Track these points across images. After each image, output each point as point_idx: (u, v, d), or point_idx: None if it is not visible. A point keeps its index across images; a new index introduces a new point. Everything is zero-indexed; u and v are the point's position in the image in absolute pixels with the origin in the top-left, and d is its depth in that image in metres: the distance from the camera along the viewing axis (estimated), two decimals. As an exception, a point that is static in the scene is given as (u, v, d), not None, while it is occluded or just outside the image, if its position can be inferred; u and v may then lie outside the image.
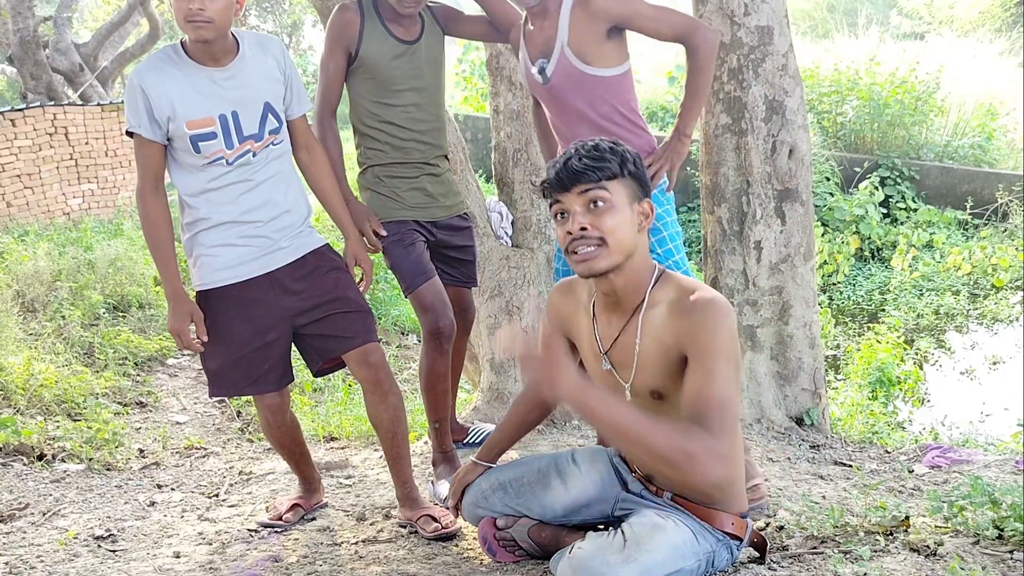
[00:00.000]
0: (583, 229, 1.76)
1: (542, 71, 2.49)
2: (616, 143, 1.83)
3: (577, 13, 2.41)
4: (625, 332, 1.85)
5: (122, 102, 11.10)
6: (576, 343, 2.05)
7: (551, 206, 1.84)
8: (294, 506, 2.69)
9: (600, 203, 1.76)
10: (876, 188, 9.34)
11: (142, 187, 2.35)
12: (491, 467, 2.21)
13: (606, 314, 1.91)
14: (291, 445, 2.65)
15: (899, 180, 9.69)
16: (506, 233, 3.93)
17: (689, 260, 2.66)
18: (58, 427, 3.86)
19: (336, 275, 2.45)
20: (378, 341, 2.49)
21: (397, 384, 2.53)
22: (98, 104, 10.81)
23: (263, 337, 2.36)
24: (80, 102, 11.37)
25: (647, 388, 1.83)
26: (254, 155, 2.31)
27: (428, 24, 2.75)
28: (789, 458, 3.27)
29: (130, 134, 2.26)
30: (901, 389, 5.65)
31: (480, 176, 9.99)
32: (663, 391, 1.81)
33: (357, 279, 2.55)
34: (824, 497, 2.72)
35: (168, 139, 2.27)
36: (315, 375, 2.61)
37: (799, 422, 3.63)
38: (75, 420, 4.09)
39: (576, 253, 1.78)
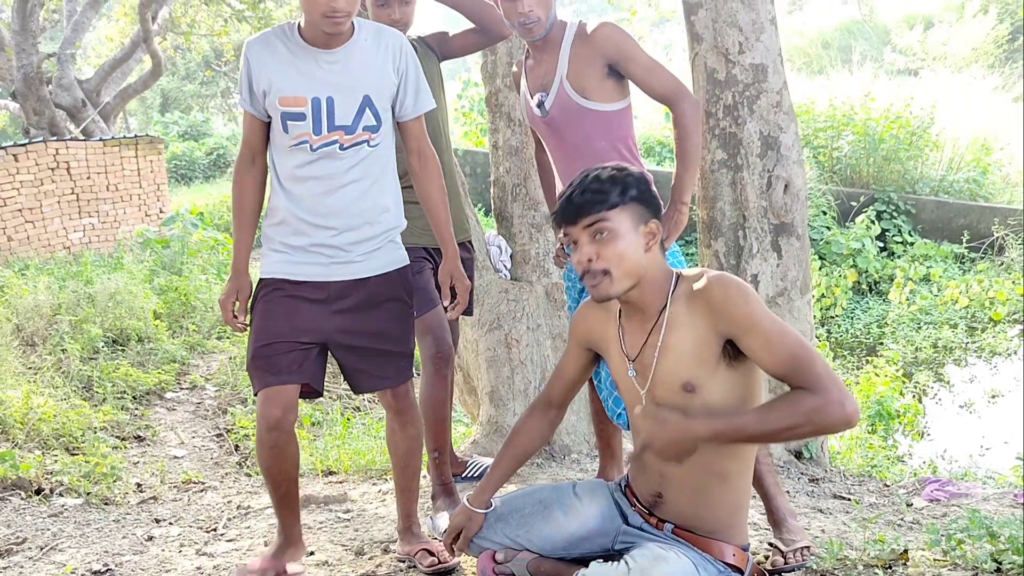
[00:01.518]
0: (589, 260, 1.83)
1: (541, 104, 2.53)
2: (619, 169, 1.88)
3: (577, 48, 2.46)
4: (652, 335, 1.88)
5: (123, 137, 11.22)
6: (604, 354, 2.08)
7: (563, 237, 1.92)
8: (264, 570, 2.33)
9: (604, 233, 1.82)
10: (872, 222, 9.40)
11: (239, 158, 2.32)
12: (487, 513, 2.17)
13: (632, 322, 1.95)
14: (278, 475, 2.34)
15: (895, 214, 9.76)
16: (505, 266, 3.96)
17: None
18: (56, 461, 3.84)
19: (392, 306, 2.36)
20: (411, 377, 2.46)
21: (420, 418, 2.51)
22: (100, 139, 10.91)
23: (299, 336, 2.26)
24: (82, 137, 11.47)
25: (678, 383, 1.84)
26: (341, 148, 2.21)
27: (422, 53, 2.79)
28: (788, 491, 3.27)
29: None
30: (900, 423, 5.65)
31: (479, 210, 10.05)
32: (696, 382, 1.81)
33: (447, 301, 2.46)
34: (823, 531, 2.72)
35: (268, 115, 2.23)
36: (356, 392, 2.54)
37: (798, 455, 3.63)
38: (73, 454, 4.08)
39: (589, 285, 1.86)
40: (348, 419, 5.33)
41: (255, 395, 2.28)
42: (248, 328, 2.34)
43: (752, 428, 1.70)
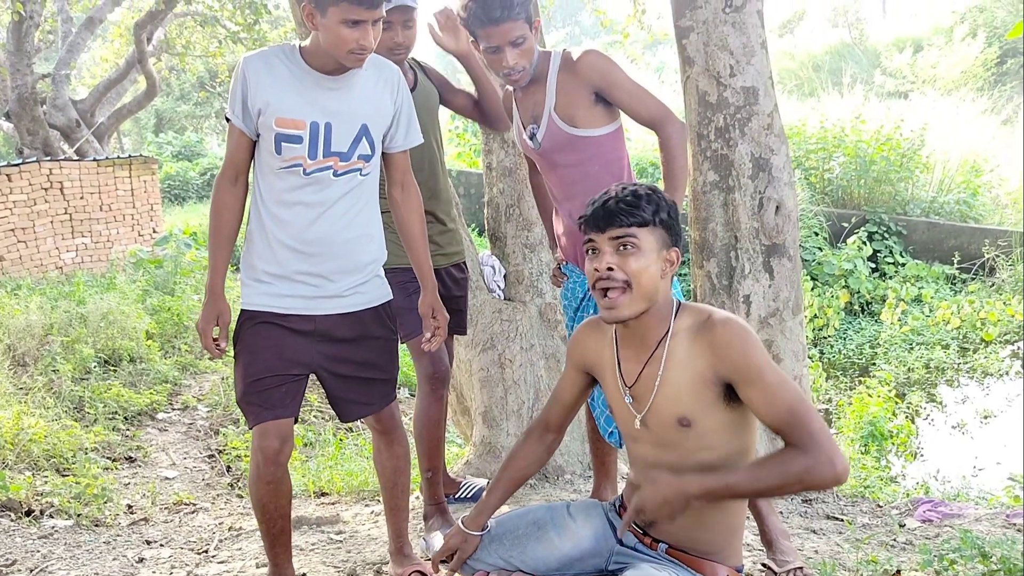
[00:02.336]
0: (610, 269, 1.82)
1: (533, 136, 2.56)
2: (654, 189, 1.88)
3: (564, 78, 2.48)
4: (649, 365, 1.88)
5: (117, 157, 11.24)
6: (599, 378, 2.08)
7: (584, 243, 1.90)
8: None
9: (629, 247, 1.82)
10: (864, 243, 9.46)
11: (221, 175, 2.27)
12: (482, 535, 2.16)
13: (629, 349, 1.94)
14: (274, 511, 2.29)
15: (886, 235, 9.82)
16: (499, 287, 3.97)
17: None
18: (46, 482, 3.82)
19: (381, 343, 2.37)
20: (395, 399, 2.46)
21: (407, 438, 2.51)
22: (94, 159, 10.93)
23: (288, 369, 2.25)
24: (76, 157, 11.48)
25: (673, 416, 1.84)
26: (335, 174, 2.20)
27: (420, 79, 2.81)
28: (781, 512, 3.27)
29: (228, 120, 2.22)
30: (893, 443, 5.66)
31: (473, 230, 10.08)
32: (692, 417, 1.81)
33: (428, 335, 2.44)
34: (816, 552, 2.71)
35: (258, 133, 2.20)
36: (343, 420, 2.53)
37: (791, 476, 3.63)
38: (64, 475, 4.06)
39: (604, 296, 1.84)
40: (340, 440, 5.32)
41: (250, 429, 2.26)
42: (225, 354, 2.31)
43: (743, 487, 1.71)
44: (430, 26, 2.86)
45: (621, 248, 1.82)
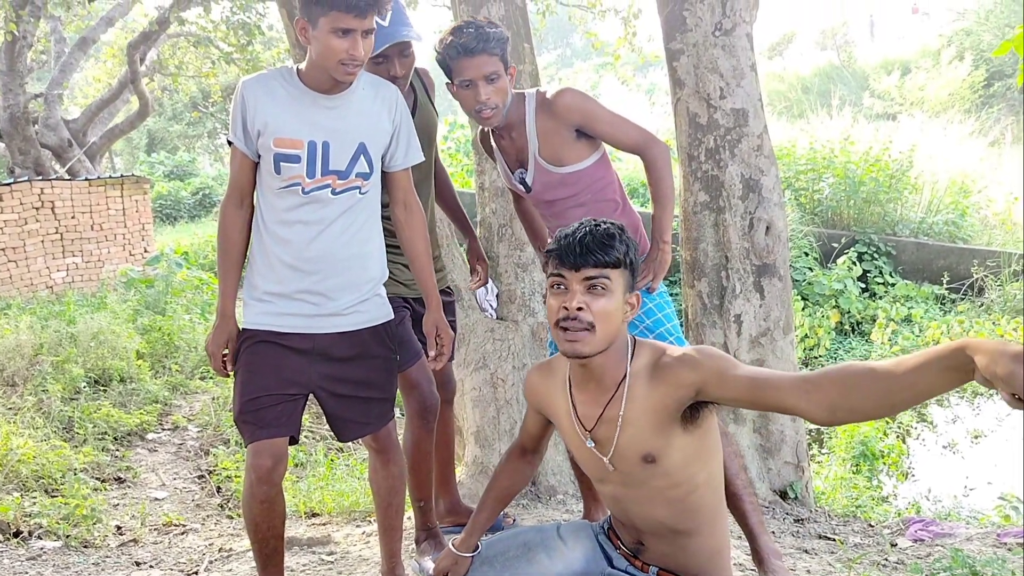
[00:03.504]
0: (580, 309, 1.78)
1: (522, 181, 2.59)
2: (623, 228, 1.86)
3: (542, 121, 2.50)
4: (609, 407, 1.86)
5: (109, 177, 11.25)
6: (555, 423, 2.06)
7: (549, 276, 1.86)
8: None
9: (600, 288, 1.79)
10: (854, 263, 9.50)
11: (226, 199, 2.29)
12: (473, 556, 2.16)
13: (585, 392, 1.92)
14: (267, 531, 2.28)
15: (876, 255, 9.88)
16: (491, 306, 3.98)
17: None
18: (35, 503, 3.79)
19: (378, 359, 2.36)
20: (393, 418, 2.45)
21: (403, 457, 2.51)
22: (85, 179, 10.92)
23: (285, 389, 2.24)
24: (68, 177, 11.48)
25: (638, 455, 1.83)
26: (334, 192, 2.21)
27: (421, 101, 2.79)
28: (774, 532, 3.27)
29: (230, 143, 2.24)
30: (885, 463, 5.67)
31: (465, 250, 10.09)
32: (656, 452, 1.81)
33: (433, 354, 2.43)
34: (809, 571, 2.72)
35: (259, 155, 2.22)
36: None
37: (783, 495, 3.63)
38: (52, 496, 4.03)
39: (566, 330, 1.80)
40: (332, 460, 5.29)
41: (245, 447, 2.25)
42: (232, 375, 2.31)
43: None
44: None
45: (592, 288, 1.79)
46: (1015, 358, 1.20)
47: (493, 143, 2.67)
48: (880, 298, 9.44)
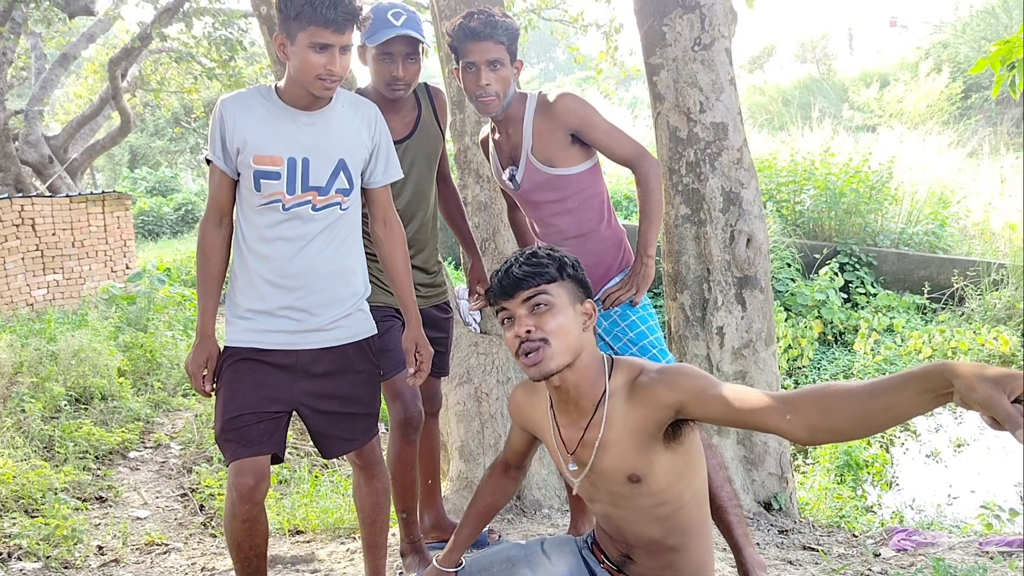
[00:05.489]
0: (528, 331, 1.79)
1: (512, 178, 2.61)
2: (553, 249, 1.88)
3: (540, 121, 2.53)
4: (590, 429, 1.86)
5: (90, 193, 11.18)
6: (543, 441, 2.07)
7: (497, 312, 1.87)
8: None
9: (543, 306, 1.79)
10: (836, 274, 9.57)
11: (206, 217, 2.28)
12: (457, 571, 2.15)
13: (566, 415, 1.92)
14: (249, 550, 2.27)
15: (858, 266, 9.95)
16: (475, 320, 3.98)
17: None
18: (14, 524, 3.74)
19: (364, 377, 2.36)
20: (377, 434, 2.45)
21: (387, 473, 2.50)
22: (66, 195, 10.84)
23: (268, 406, 2.23)
24: (48, 193, 11.40)
25: (623, 475, 1.83)
26: (314, 208, 2.21)
27: (425, 119, 2.76)
28: (758, 543, 3.27)
29: (208, 161, 2.23)
30: (869, 472, 5.69)
31: (449, 263, 10.09)
32: (640, 472, 1.81)
33: (412, 370, 2.41)
34: (793, 583, 2.72)
35: (238, 172, 2.22)
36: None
37: (767, 507, 3.64)
38: (32, 516, 3.98)
39: (526, 356, 1.80)
40: (316, 476, 5.26)
41: (227, 466, 2.24)
42: (214, 394, 2.30)
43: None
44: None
45: (535, 308, 1.80)
46: (994, 383, 1.20)
47: (490, 140, 2.69)
48: (862, 308, 9.50)
